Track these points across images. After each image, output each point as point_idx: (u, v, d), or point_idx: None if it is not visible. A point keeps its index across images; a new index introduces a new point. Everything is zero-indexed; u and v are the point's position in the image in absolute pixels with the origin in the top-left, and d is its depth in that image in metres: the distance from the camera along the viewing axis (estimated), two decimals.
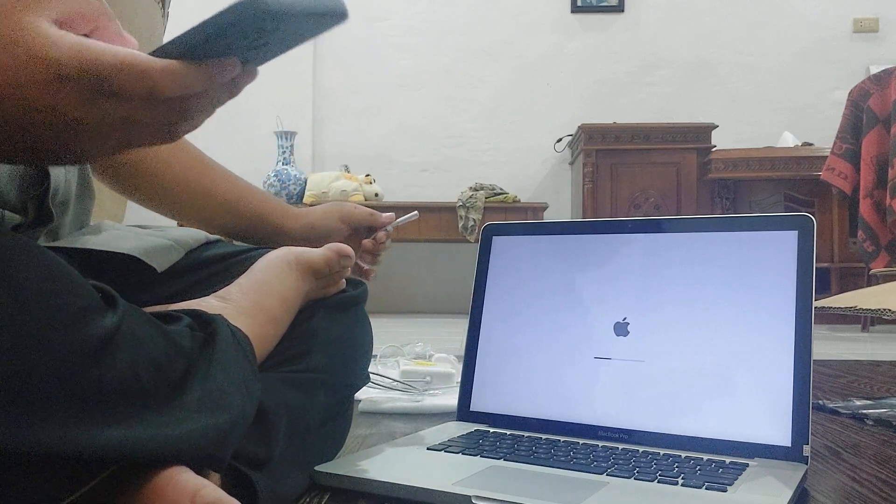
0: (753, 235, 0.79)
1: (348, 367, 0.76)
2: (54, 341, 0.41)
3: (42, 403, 0.40)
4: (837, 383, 1.51)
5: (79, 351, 0.42)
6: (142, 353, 0.46)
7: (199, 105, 0.45)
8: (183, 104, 0.44)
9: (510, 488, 0.62)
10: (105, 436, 0.42)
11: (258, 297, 0.67)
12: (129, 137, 0.45)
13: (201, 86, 0.44)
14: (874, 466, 0.82)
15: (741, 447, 0.73)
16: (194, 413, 0.48)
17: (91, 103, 0.42)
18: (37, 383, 0.40)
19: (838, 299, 1.42)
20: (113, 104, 0.42)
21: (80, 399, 0.42)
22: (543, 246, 0.90)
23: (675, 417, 0.76)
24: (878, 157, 2.86)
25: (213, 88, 0.45)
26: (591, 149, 3.86)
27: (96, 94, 0.42)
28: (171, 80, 0.42)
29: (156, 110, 0.44)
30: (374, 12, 4.26)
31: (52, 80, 0.41)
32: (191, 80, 0.43)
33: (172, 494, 0.45)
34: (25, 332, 0.40)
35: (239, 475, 0.55)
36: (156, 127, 0.45)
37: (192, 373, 0.49)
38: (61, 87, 0.41)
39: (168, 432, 0.46)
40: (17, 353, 0.39)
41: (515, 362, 0.87)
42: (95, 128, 0.43)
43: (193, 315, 0.55)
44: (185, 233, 0.79)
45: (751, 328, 0.76)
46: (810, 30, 4.29)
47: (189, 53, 0.42)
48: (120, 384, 0.44)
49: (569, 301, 0.86)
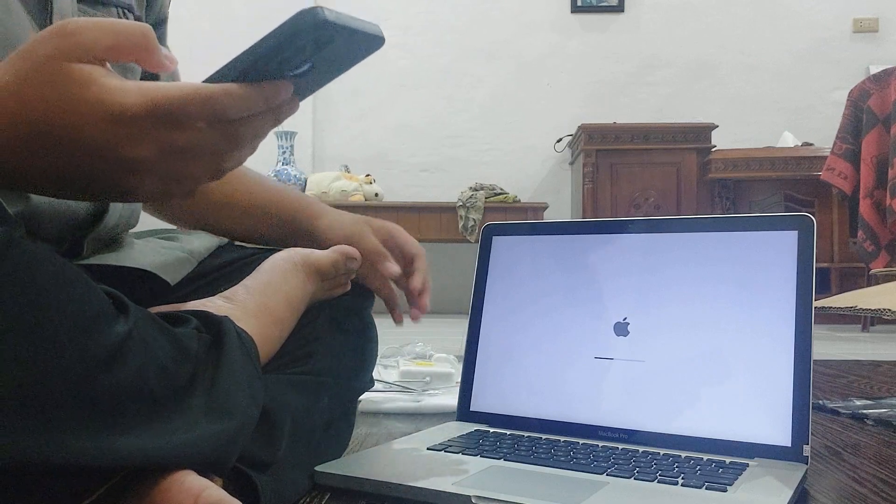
0: (753, 235, 0.79)
1: (353, 370, 0.76)
2: (69, 349, 0.41)
3: (55, 412, 0.40)
4: (837, 383, 1.51)
5: (92, 358, 0.42)
6: (151, 358, 0.46)
7: (248, 132, 0.47)
8: (237, 129, 0.46)
9: (510, 488, 0.62)
10: (115, 445, 0.42)
11: (264, 298, 0.67)
12: (181, 172, 0.46)
13: (258, 107, 0.45)
14: (874, 466, 0.82)
15: (741, 447, 0.73)
16: (201, 418, 0.48)
17: (152, 138, 0.43)
18: (51, 391, 0.40)
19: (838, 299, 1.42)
20: (176, 134, 0.43)
21: (92, 407, 0.42)
22: (543, 246, 0.90)
23: (675, 417, 0.76)
24: (878, 157, 2.86)
25: (266, 112, 0.46)
26: (591, 149, 3.86)
27: (160, 127, 0.43)
28: (233, 102, 0.44)
29: (213, 136, 0.45)
30: (374, 12, 4.26)
31: (114, 121, 0.42)
32: (250, 101, 0.45)
33: (177, 496, 0.46)
34: (42, 340, 0.40)
35: (241, 476, 0.55)
36: (208, 158, 0.46)
37: (198, 377, 0.50)
38: (122, 128, 0.42)
39: (175, 440, 0.46)
40: (33, 360, 0.39)
41: (515, 362, 0.87)
42: (152, 164, 0.44)
43: (200, 317, 0.55)
44: (198, 242, 0.79)
45: (751, 328, 0.76)
46: (810, 30, 4.29)
47: (243, 76, 0.44)
48: (129, 391, 0.44)
49: (569, 301, 0.86)
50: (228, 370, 0.52)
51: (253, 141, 0.48)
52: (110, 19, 0.45)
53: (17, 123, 0.42)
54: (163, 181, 0.46)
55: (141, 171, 0.44)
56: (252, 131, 0.47)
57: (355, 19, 0.43)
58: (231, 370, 0.52)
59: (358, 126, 4.37)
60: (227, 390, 0.51)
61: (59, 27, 0.42)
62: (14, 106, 0.42)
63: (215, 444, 0.48)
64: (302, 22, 0.42)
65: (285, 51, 0.43)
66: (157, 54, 0.44)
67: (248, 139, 0.47)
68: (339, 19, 0.42)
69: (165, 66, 0.45)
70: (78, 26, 0.42)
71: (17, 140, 0.42)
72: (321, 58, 0.45)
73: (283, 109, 0.48)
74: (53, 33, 0.42)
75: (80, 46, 0.42)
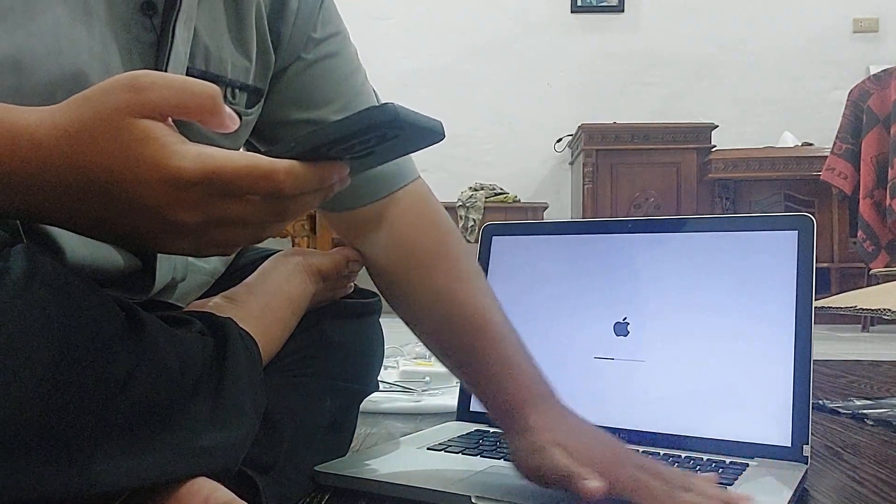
0: (753, 235, 0.79)
1: (356, 373, 0.76)
2: (86, 376, 0.41)
3: (73, 440, 0.40)
4: (837, 383, 1.51)
5: (109, 382, 0.42)
6: (162, 372, 0.46)
7: (298, 208, 0.46)
8: (288, 205, 0.45)
9: (510, 488, 0.61)
10: (129, 465, 0.43)
11: (265, 298, 0.67)
12: (223, 239, 0.45)
13: (314, 186, 0.44)
14: (874, 466, 0.82)
15: (741, 447, 0.73)
16: (208, 426, 0.48)
17: (203, 206, 0.42)
18: (70, 419, 0.40)
19: (838, 299, 1.42)
20: (228, 205, 0.43)
21: (109, 429, 0.42)
22: (543, 246, 0.90)
23: (676, 417, 0.76)
24: (878, 157, 2.86)
25: (319, 190, 0.45)
26: (591, 149, 3.86)
27: (214, 196, 0.42)
28: (292, 180, 0.43)
29: (264, 209, 0.44)
30: (374, 12, 4.26)
31: (168, 184, 0.41)
32: (308, 180, 0.44)
33: (185, 499, 0.46)
34: (60, 371, 0.39)
35: (242, 477, 0.55)
36: (252, 228, 0.45)
37: (203, 383, 0.50)
38: (175, 191, 0.41)
39: (185, 452, 0.46)
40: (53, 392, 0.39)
41: None
42: (196, 229, 0.43)
43: (204, 319, 0.55)
44: (218, 262, 0.77)
45: (751, 328, 0.76)
46: (810, 30, 4.29)
47: (304, 156, 0.44)
48: (142, 407, 0.44)
49: (569, 301, 0.86)
50: (233, 375, 0.52)
51: (298, 215, 0.47)
52: (181, 77, 0.44)
53: (71, 168, 0.41)
54: (202, 244, 0.45)
55: (184, 234, 0.44)
56: (300, 207, 0.46)
57: (421, 116, 0.44)
58: (235, 375, 0.52)
59: None
60: (233, 396, 0.51)
61: (132, 80, 0.41)
62: (71, 151, 0.41)
63: (223, 453, 0.49)
64: (376, 117, 0.41)
65: (353, 139, 0.43)
66: (220, 117, 0.43)
67: (294, 214, 0.46)
68: (409, 117, 0.42)
69: (227, 128, 0.44)
70: (150, 81, 0.41)
71: (67, 184, 0.41)
72: (383, 147, 0.46)
73: (334, 187, 0.47)
74: (125, 87, 0.41)
75: (149, 103, 0.41)
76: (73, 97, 0.42)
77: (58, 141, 0.41)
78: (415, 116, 0.43)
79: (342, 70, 0.69)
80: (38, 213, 0.43)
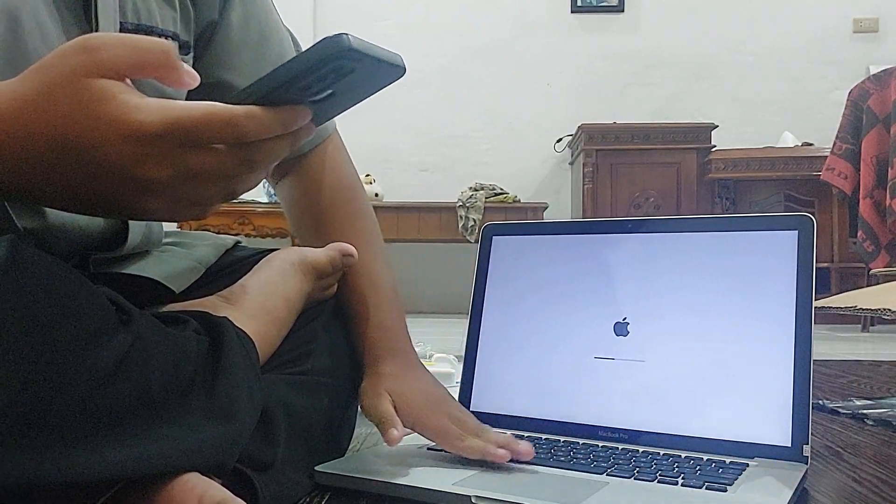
0: (753, 235, 0.78)
1: (354, 371, 0.76)
2: (72, 365, 0.41)
3: (58, 430, 0.40)
4: (837, 383, 1.51)
5: (95, 372, 0.42)
6: (153, 366, 0.46)
7: (264, 156, 0.46)
8: (253, 153, 0.45)
9: (510, 488, 0.61)
10: (118, 457, 0.42)
11: (262, 297, 0.67)
12: (195, 195, 0.45)
13: (277, 131, 0.45)
14: (874, 466, 0.82)
15: (741, 447, 0.73)
16: (203, 422, 0.48)
17: (170, 159, 0.42)
18: (54, 409, 0.40)
19: (838, 299, 1.42)
20: (193, 155, 0.43)
21: (95, 421, 0.42)
22: (543, 246, 0.90)
23: (676, 417, 0.76)
24: (878, 157, 2.86)
25: (283, 137, 0.46)
26: (591, 149, 3.86)
27: (178, 148, 0.42)
28: (254, 125, 0.43)
29: (230, 158, 0.44)
30: (373, 12, 4.26)
31: (132, 140, 0.41)
32: (270, 125, 0.44)
33: (179, 496, 0.46)
34: (45, 357, 0.39)
35: (240, 476, 0.55)
36: (223, 181, 0.45)
37: (198, 380, 0.50)
38: (140, 147, 0.41)
39: (177, 445, 0.46)
40: (36, 379, 0.39)
41: (515, 362, 0.87)
42: (167, 185, 0.43)
43: (199, 318, 0.55)
44: (206, 249, 0.78)
45: (751, 328, 0.76)
46: (810, 30, 4.29)
47: (264, 100, 0.44)
48: (132, 401, 0.44)
49: (569, 301, 0.86)
50: (228, 372, 0.52)
51: (267, 165, 0.48)
52: (133, 35, 0.44)
53: (35, 136, 0.41)
54: (176, 203, 0.45)
55: (156, 192, 0.44)
56: (268, 155, 0.46)
57: (378, 48, 0.43)
58: (231, 372, 0.52)
59: (357, 126, 4.36)
60: (228, 393, 0.51)
61: (83, 42, 0.42)
62: (33, 119, 0.41)
63: (217, 448, 0.49)
64: (328, 49, 0.41)
65: (309, 76, 0.43)
66: (177, 72, 0.43)
67: (263, 163, 0.46)
68: (363, 47, 0.42)
69: (186, 84, 0.44)
70: (101, 42, 0.42)
71: (33, 153, 0.42)
72: (342, 85, 0.45)
73: (300, 134, 0.47)
74: (77, 49, 0.41)
75: (103, 63, 0.41)
76: (29, 68, 0.42)
77: (19, 112, 0.41)
78: (370, 47, 0.43)
79: (261, 29, 0.74)
80: (9, 190, 0.43)
